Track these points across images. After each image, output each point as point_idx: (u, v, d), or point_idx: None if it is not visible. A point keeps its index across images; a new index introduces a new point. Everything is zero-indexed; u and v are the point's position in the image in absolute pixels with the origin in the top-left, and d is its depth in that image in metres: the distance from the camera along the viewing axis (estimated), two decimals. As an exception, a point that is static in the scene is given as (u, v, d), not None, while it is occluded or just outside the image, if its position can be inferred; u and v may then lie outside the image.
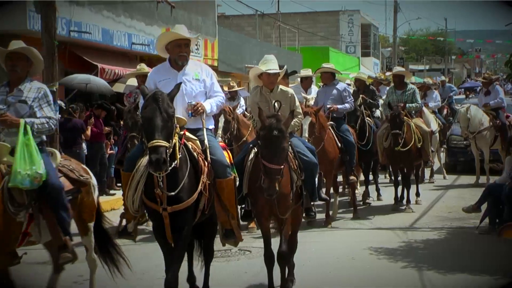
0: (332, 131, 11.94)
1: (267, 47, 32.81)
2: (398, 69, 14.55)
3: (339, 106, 12.19)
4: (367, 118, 13.93)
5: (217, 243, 7.82)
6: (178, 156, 6.41)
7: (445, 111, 20.46)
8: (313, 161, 7.96)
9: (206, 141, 7.00)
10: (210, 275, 7.74)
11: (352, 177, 12.49)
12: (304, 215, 8.39)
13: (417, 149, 13.24)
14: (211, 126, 7.49)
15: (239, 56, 27.35)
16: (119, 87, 17.46)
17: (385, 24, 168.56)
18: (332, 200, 11.98)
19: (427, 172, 17.63)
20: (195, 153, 6.80)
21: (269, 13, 38.20)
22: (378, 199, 14.63)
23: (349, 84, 16.01)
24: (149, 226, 9.43)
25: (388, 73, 17.67)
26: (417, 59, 78.03)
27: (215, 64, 24.16)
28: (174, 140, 6.33)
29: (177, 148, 6.41)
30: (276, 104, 7.72)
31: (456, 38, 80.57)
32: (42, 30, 12.57)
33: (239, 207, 7.62)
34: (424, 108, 16.69)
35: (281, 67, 8.27)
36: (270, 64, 8.03)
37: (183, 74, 7.17)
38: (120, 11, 18.54)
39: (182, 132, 6.71)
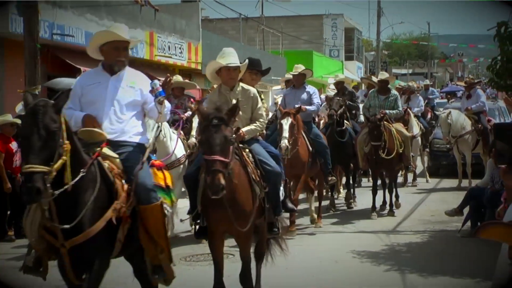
0: (304, 134, 11.68)
1: (251, 50, 32.80)
2: (385, 74, 14.46)
3: (307, 107, 11.82)
4: (346, 121, 13.78)
5: (203, 246, 7.78)
6: (69, 181, 5.25)
7: (428, 115, 20.56)
8: (277, 170, 7.12)
9: (145, 158, 6.13)
10: (193, 278, 7.72)
11: (330, 178, 12.18)
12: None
13: (398, 154, 13.20)
14: (144, 141, 6.40)
15: (222, 59, 27.27)
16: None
17: (369, 28, 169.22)
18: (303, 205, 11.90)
19: (410, 175, 17.72)
20: (110, 174, 5.79)
21: (253, 17, 38.19)
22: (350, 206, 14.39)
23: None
24: None
25: (374, 78, 17.62)
26: (400, 63, 78.41)
27: (199, 67, 24.15)
28: (61, 161, 5.13)
29: (68, 170, 5.24)
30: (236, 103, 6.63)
31: (439, 42, 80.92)
32: (25, 33, 12.51)
33: (192, 223, 7.09)
34: (410, 112, 16.82)
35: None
36: (230, 58, 7.14)
37: (116, 79, 6.27)
38: (104, 14, 18.48)
39: (98, 148, 5.80)
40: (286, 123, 10.94)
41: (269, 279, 7.89)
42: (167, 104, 6.34)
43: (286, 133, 10.85)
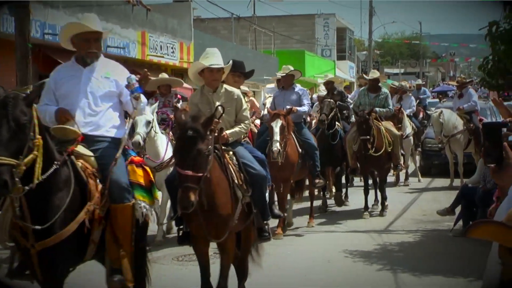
0: (293, 135, 11.35)
1: (243, 50, 32.83)
2: (376, 73, 14.43)
3: (298, 108, 11.50)
4: (337, 122, 13.62)
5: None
6: (39, 177, 5.06)
7: (420, 115, 20.59)
8: (262, 173, 6.89)
9: (118, 154, 5.88)
10: (185, 277, 7.71)
11: (318, 180, 11.77)
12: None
13: (387, 153, 13.09)
14: (120, 135, 6.16)
15: (215, 59, 27.27)
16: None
17: (361, 28, 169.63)
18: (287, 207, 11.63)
19: (402, 175, 17.74)
20: (84, 174, 5.59)
21: (245, 16, 38.18)
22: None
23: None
24: None
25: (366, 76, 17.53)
26: (392, 63, 78.55)
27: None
28: (32, 156, 4.96)
29: (38, 166, 5.05)
30: (219, 108, 6.35)
31: (430, 42, 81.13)
32: (16, 33, 12.46)
33: (175, 228, 6.90)
34: (403, 111, 16.86)
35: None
36: (213, 58, 6.93)
37: (89, 70, 6.10)
38: (95, 14, 18.43)
39: (72, 146, 5.61)
40: (276, 125, 10.63)
41: (261, 279, 7.88)
42: (143, 99, 6.17)
43: (277, 136, 10.55)
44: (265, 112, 12.03)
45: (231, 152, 6.81)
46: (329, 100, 13.55)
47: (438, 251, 10.14)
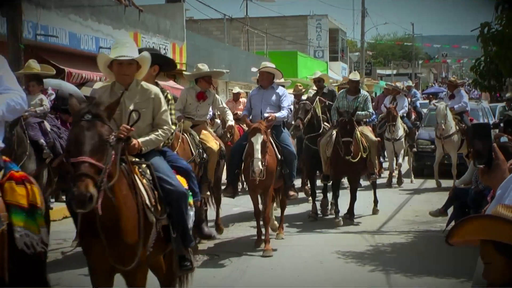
0: (272, 139, 10.38)
1: (235, 51, 32.82)
2: (357, 74, 13.80)
3: (277, 115, 10.40)
4: (325, 123, 13.24)
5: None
6: None
7: (413, 116, 20.61)
8: (180, 189, 5.77)
9: None
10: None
11: (292, 193, 10.79)
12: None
13: (363, 159, 12.28)
14: None
15: (207, 60, 27.04)
16: (86, 91, 17.29)
17: (353, 29, 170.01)
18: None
19: (394, 177, 17.78)
20: None
21: (237, 18, 38.17)
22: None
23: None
24: None
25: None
26: (385, 64, 78.63)
27: (183, 68, 24.10)
28: None
29: None
30: (134, 114, 5.40)
31: (423, 43, 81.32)
32: (8, 34, 12.44)
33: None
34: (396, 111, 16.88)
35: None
36: (122, 49, 5.86)
37: None
38: (88, 14, 18.41)
39: None
40: (257, 141, 9.66)
41: (254, 280, 7.89)
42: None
43: (258, 154, 9.58)
44: (241, 113, 11.21)
45: (144, 165, 5.73)
46: (304, 102, 13.07)
47: (430, 252, 10.15)
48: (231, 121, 10.97)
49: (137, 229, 5.19)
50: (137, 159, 5.72)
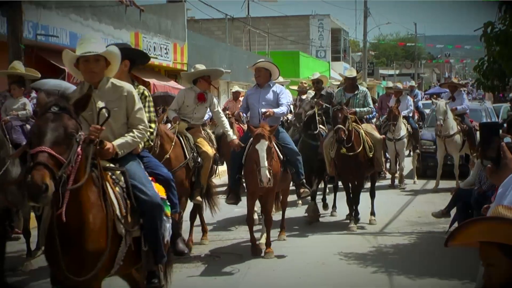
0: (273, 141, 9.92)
1: (237, 51, 32.81)
2: (353, 71, 13.55)
3: (275, 110, 10.09)
4: (321, 125, 12.95)
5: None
6: None
7: (416, 116, 20.55)
8: (155, 200, 5.37)
9: None
10: (181, 279, 7.64)
11: (303, 190, 10.62)
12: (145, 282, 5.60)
13: (368, 158, 11.98)
14: None
15: (208, 60, 27.21)
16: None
17: (355, 29, 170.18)
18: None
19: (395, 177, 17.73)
20: None
21: (239, 17, 38.15)
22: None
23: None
24: None
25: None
26: (387, 64, 78.69)
27: (185, 68, 24.05)
28: None
29: None
30: (104, 111, 5.03)
31: (425, 43, 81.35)
32: (8, 34, 12.41)
33: None
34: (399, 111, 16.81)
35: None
36: (89, 45, 5.49)
37: None
38: (88, 14, 18.38)
39: None
40: (262, 149, 9.27)
41: (255, 281, 7.85)
42: None
43: (265, 163, 9.18)
44: (243, 114, 10.70)
45: (118, 172, 5.36)
46: (310, 99, 13.02)
47: (433, 253, 10.09)
48: (232, 136, 10.26)
49: (105, 240, 4.86)
50: (111, 165, 5.38)
